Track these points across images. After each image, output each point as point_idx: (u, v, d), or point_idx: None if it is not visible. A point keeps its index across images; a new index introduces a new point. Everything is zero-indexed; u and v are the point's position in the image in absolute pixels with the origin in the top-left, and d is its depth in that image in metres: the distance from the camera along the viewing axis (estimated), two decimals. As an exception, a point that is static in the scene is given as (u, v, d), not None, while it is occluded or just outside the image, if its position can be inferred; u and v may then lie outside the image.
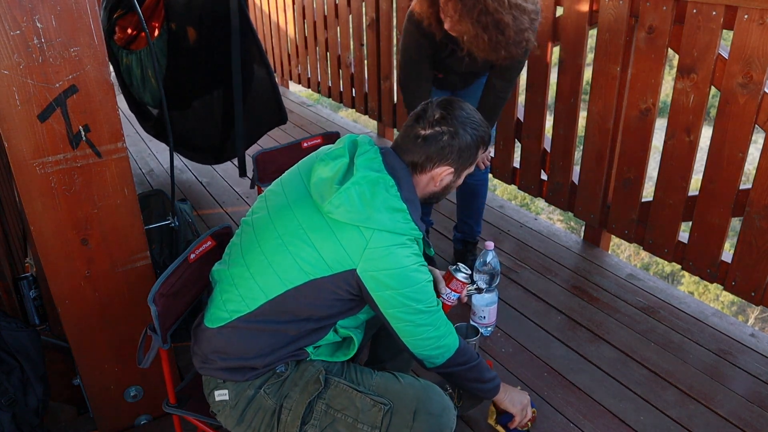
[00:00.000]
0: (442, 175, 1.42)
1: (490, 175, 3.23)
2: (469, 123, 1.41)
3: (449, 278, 1.59)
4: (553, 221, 13.73)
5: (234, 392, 1.37)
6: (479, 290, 1.83)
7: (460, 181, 1.49)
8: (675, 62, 2.25)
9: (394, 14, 3.61)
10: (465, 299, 1.64)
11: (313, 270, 1.29)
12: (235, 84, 2.41)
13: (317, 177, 1.34)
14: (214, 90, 2.81)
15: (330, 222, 1.29)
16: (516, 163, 3.10)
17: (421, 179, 1.43)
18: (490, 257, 2.14)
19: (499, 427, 1.82)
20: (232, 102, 2.78)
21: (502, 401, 1.67)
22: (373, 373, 1.41)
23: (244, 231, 1.43)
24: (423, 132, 1.39)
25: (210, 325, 1.38)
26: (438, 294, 1.59)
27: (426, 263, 1.39)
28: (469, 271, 1.60)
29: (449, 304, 1.61)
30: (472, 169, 1.49)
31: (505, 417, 1.85)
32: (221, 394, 1.38)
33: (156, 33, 2.78)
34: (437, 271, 1.62)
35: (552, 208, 14.75)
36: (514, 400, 1.68)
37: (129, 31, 2.95)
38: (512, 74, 2.14)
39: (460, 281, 1.58)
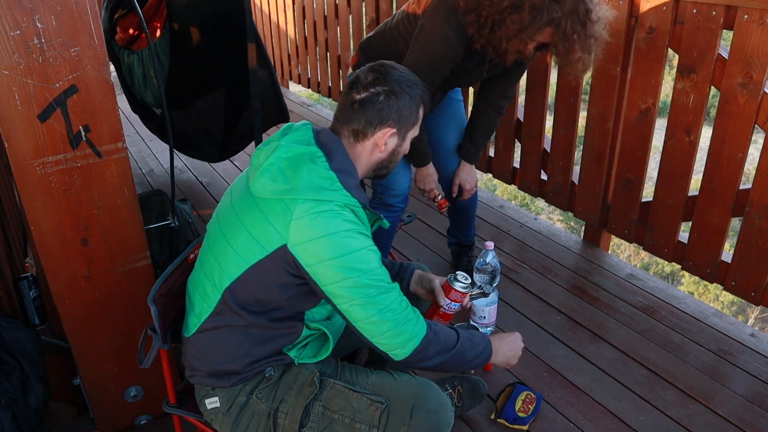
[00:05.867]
0: (385, 138, 1.36)
1: (489, 175, 3.25)
2: (405, 81, 1.35)
3: (448, 289, 1.53)
4: (553, 221, 13.74)
5: (224, 399, 1.37)
6: (484, 295, 1.75)
7: (407, 144, 1.42)
8: (675, 62, 2.25)
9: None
10: (468, 305, 1.59)
11: (251, 255, 1.28)
12: (252, 82, 2.40)
13: (251, 166, 1.34)
14: (216, 89, 2.82)
15: (258, 201, 1.28)
16: (516, 163, 3.10)
17: (364, 147, 1.37)
18: (490, 257, 2.14)
19: (501, 420, 1.84)
20: (234, 101, 2.78)
21: (494, 363, 1.52)
22: (369, 372, 1.40)
23: (203, 239, 1.46)
24: (358, 96, 1.34)
25: (186, 334, 1.40)
26: (438, 305, 1.54)
27: (369, 234, 1.32)
28: (468, 279, 1.53)
29: (450, 313, 1.56)
30: (416, 131, 1.42)
31: (506, 411, 1.85)
32: (212, 402, 1.38)
33: (158, 33, 2.78)
34: (436, 281, 1.57)
35: (552, 208, 14.76)
36: (508, 357, 1.52)
37: (130, 31, 2.96)
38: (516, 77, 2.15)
39: (460, 291, 1.51)
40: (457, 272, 1.54)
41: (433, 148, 2.31)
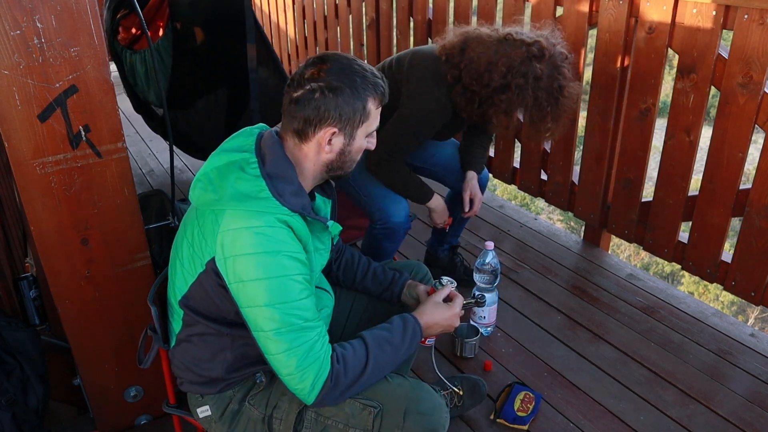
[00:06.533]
0: (326, 137, 1.24)
1: (489, 175, 3.25)
2: (346, 74, 1.22)
3: (433, 293, 1.48)
4: (553, 221, 13.73)
5: (215, 406, 1.37)
6: (479, 304, 1.71)
7: (359, 143, 1.29)
8: (675, 62, 2.25)
9: (394, 14, 3.61)
10: (461, 314, 1.51)
11: (192, 268, 1.25)
12: (251, 83, 2.41)
13: None
14: (218, 89, 2.82)
15: (197, 212, 1.26)
16: (516, 163, 3.10)
17: (309, 148, 1.26)
18: (490, 257, 2.14)
19: (500, 420, 1.84)
20: (236, 101, 2.79)
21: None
22: None
23: None
24: (294, 94, 1.24)
25: (170, 346, 1.41)
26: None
27: (301, 257, 1.22)
28: (454, 284, 1.50)
29: None
30: (370, 127, 1.29)
31: (506, 411, 1.85)
32: (203, 411, 1.38)
33: (161, 32, 2.79)
34: (421, 287, 1.54)
35: (552, 208, 14.76)
36: (442, 329, 1.43)
37: (133, 30, 2.96)
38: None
39: None
40: (441, 277, 1.51)
41: (440, 173, 2.32)
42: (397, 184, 2.07)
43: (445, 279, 1.51)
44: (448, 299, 1.45)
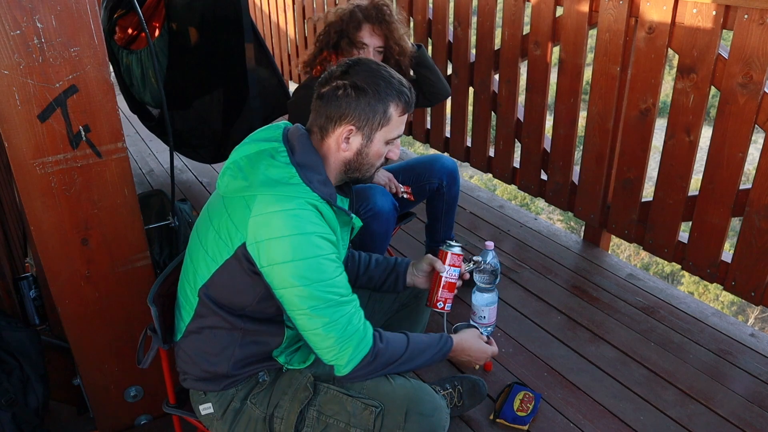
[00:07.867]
0: (343, 135, 1.28)
1: (489, 175, 3.24)
2: (372, 77, 1.27)
3: (444, 255, 1.56)
4: (553, 221, 13.74)
5: (217, 404, 1.37)
6: (477, 264, 1.77)
7: (377, 146, 1.33)
8: (675, 62, 2.25)
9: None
10: (467, 276, 1.61)
11: (218, 255, 1.26)
12: (250, 81, 2.41)
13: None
14: (214, 89, 2.82)
15: (224, 200, 1.27)
16: (516, 163, 3.10)
17: (329, 144, 1.31)
18: (490, 257, 2.14)
19: (500, 420, 1.84)
20: (232, 101, 2.79)
21: (454, 360, 1.54)
22: None
23: None
24: (321, 90, 1.30)
25: (176, 339, 1.41)
26: (439, 275, 1.54)
27: (332, 238, 1.25)
28: (460, 244, 1.60)
29: (453, 281, 1.57)
30: (390, 133, 1.32)
31: (505, 411, 1.85)
32: (205, 408, 1.38)
33: (157, 33, 2.79)
34: (430, 255, 1.60)
35: (552, 208, 14.77)
36: (466, 361, 1.52)
37: (129, 31, 2.96)
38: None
39: (457, 254, 1.55)
40: (447, 241, 1.59)
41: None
42: None
43: (451, 241, 1.58)
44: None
